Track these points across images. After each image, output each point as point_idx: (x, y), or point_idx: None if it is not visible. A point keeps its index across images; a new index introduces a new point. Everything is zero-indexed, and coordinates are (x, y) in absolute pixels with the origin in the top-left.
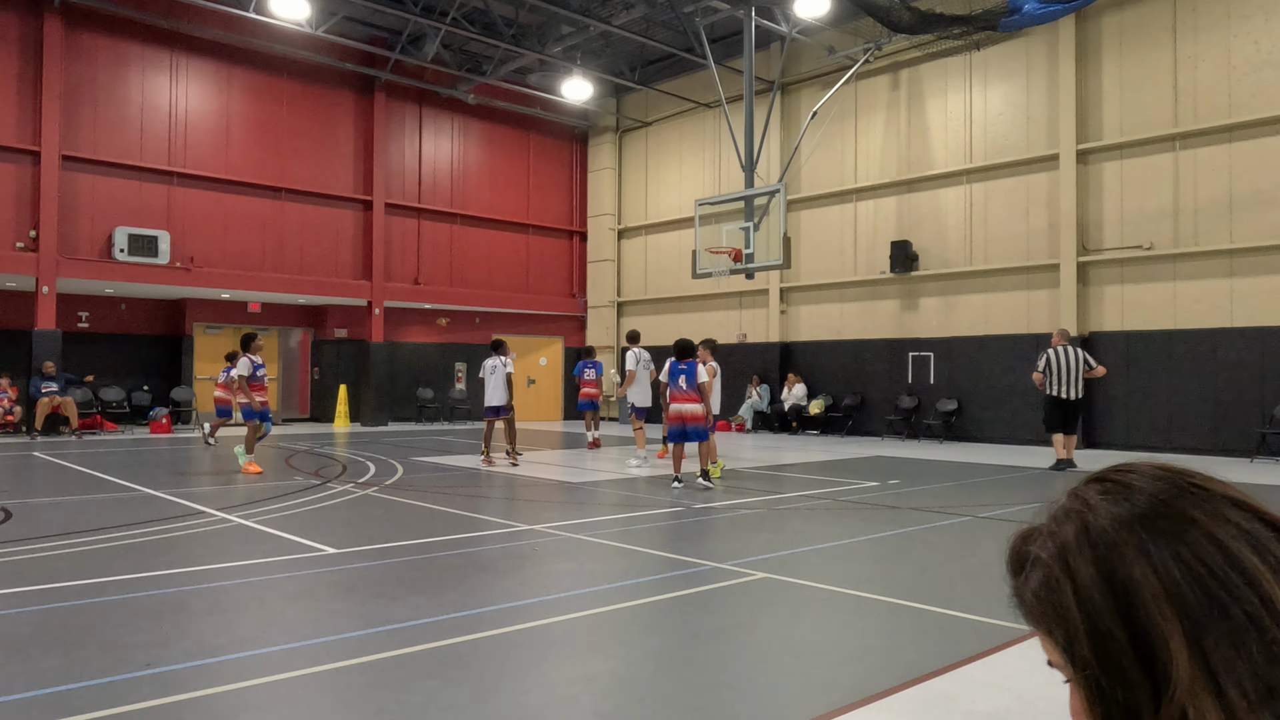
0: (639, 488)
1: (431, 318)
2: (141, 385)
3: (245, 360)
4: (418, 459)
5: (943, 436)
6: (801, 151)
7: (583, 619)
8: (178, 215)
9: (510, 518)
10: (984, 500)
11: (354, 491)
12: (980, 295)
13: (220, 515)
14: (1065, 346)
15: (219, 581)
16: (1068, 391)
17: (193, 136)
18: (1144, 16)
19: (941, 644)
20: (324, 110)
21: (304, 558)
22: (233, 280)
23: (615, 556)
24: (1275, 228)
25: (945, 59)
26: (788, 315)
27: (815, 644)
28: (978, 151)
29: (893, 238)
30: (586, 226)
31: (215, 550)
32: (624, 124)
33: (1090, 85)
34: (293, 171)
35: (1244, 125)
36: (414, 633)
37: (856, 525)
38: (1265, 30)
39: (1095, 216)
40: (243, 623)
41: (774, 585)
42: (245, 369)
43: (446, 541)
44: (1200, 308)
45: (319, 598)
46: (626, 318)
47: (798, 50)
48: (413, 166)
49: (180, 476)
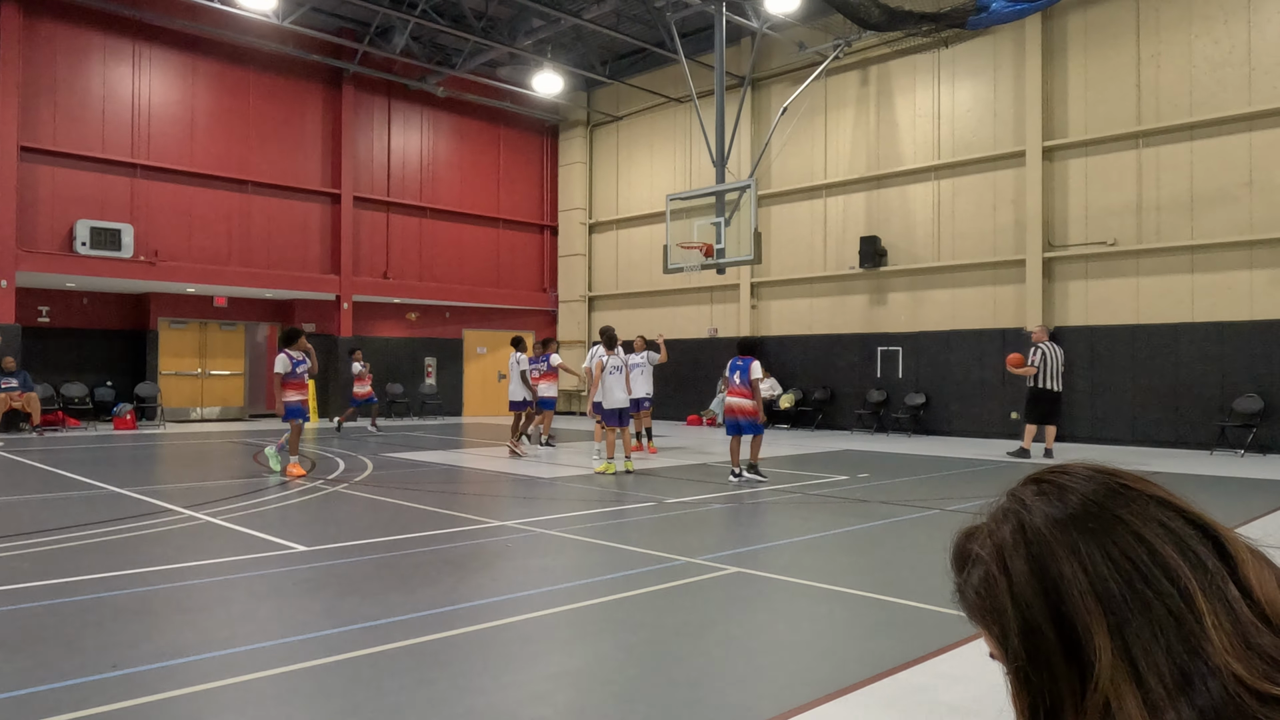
0: (608, 483)
1: (401, 312)
2: (105, 381)
3: (283, 357)
4: (388, 455)
5: (911, 430)
6: (772, 147)
7: (557, 615)
8: (141, 208)
9: (483, 514)
10: (951, 493)
11: (324, 488)
12: (948, 290)
13: (188, 513)
14: (1051, 342)
15: (187, 580)
16: (1057, 384)
17: (156, 128)
18: (1108, 16)
19: (911, 636)
20: (291, 102)
21: (273, 555)
22: (198, 274)
23: (589, 552)
24: (1234, 224)
25: (914, 56)
26: (758, 310)
27: (787, 638)
28: (945, 148)
29: (862, 233)
30: (557, 221)
31: (183, 549)
32: (595, 118)
33: (1056, 83)
34: (259, 164)
35: (1204, 124)
36: (387, 630)
37: (827, 519)
38: (1224, 31)
39: (1060, 213)
40: (212, 622)
41: (746, 579)
42: (284, 366)
43: (418, 538)
44: (1163, 303)
45: (289, 596)
46: (598, 312)
47: (768, 46)
48: (381, 159)
49: (146, 474)
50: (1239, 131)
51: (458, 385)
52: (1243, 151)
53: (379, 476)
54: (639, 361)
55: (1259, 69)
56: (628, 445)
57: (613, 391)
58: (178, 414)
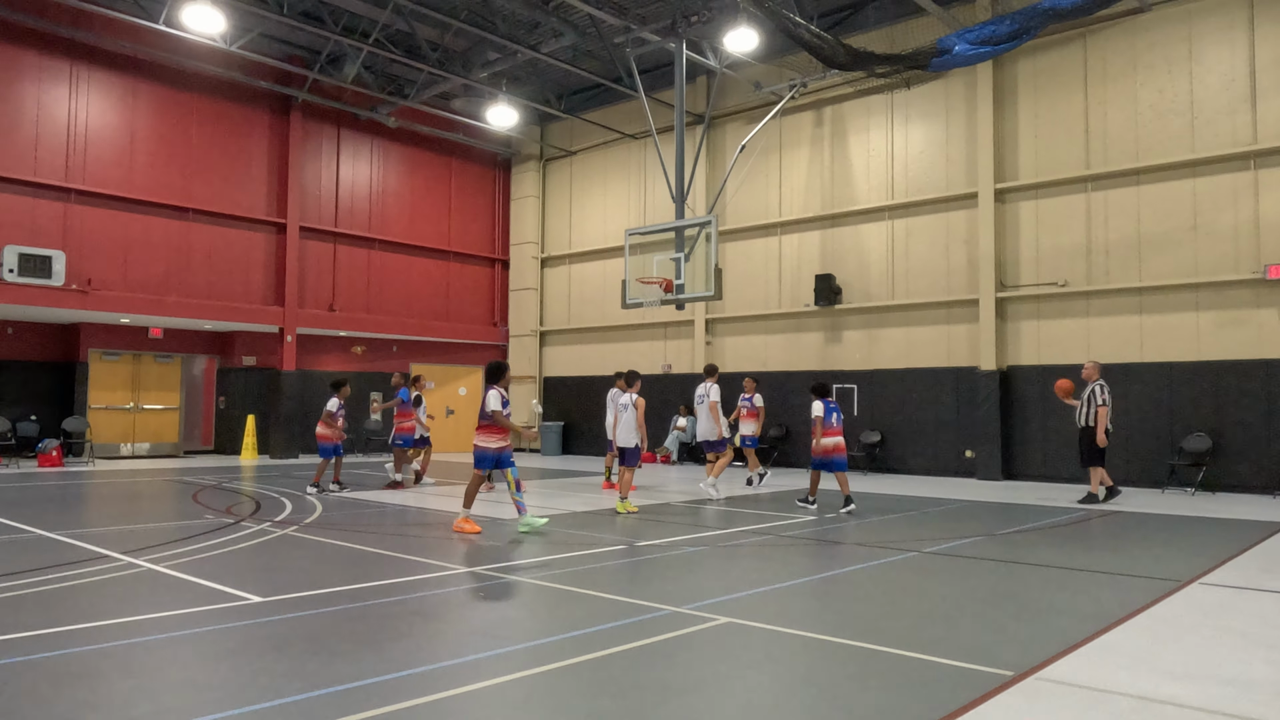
0: (573, 524)
1: (347, 345)
2: (29, 415)
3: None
4: (337, 496)
5: (866, 468)
6: (728, 185)
7: (547, 674)
8: (75, 234)
9: (446, 559)
10: (924, 534)
11: (272, 531)
12: (902, 329)
13: (126, 559)
14: (1103, 382)
15: (133, 638)
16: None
17: (93, 152)
18: (1056, 63)
19: (925, 694)
20: (236, 129)
21: (226, 608)
22: (133, 304)
23: (569, 602)
24: (1180, 268)
25: (868, 98)
26: (713, 346)
27: (796, 699)
28: (899, 188)
29: (817, 271)
30: (509, 254)
31: (124, 601)
32: (548, 152)
33: (1007, 127)
34: (201, 191)
35: (1150, 169)
36: (363, 695)
37: (807, 563)
38: (1168, 79)
39: (1013, 254)
40: (165, 687)
41: (740, 631)
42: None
43: (381, 587)
44: (1112, 343)
45: (249, 655)
46: (549, 347)
47: (724, 85)
48: (329, 189)
49: (76, 515)
50: (1183, 177)
51: None
52: (1187, 196)
53: (330, 518)
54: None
55: (1200, 118)
56: (624, 489)
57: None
58: (107, 450)
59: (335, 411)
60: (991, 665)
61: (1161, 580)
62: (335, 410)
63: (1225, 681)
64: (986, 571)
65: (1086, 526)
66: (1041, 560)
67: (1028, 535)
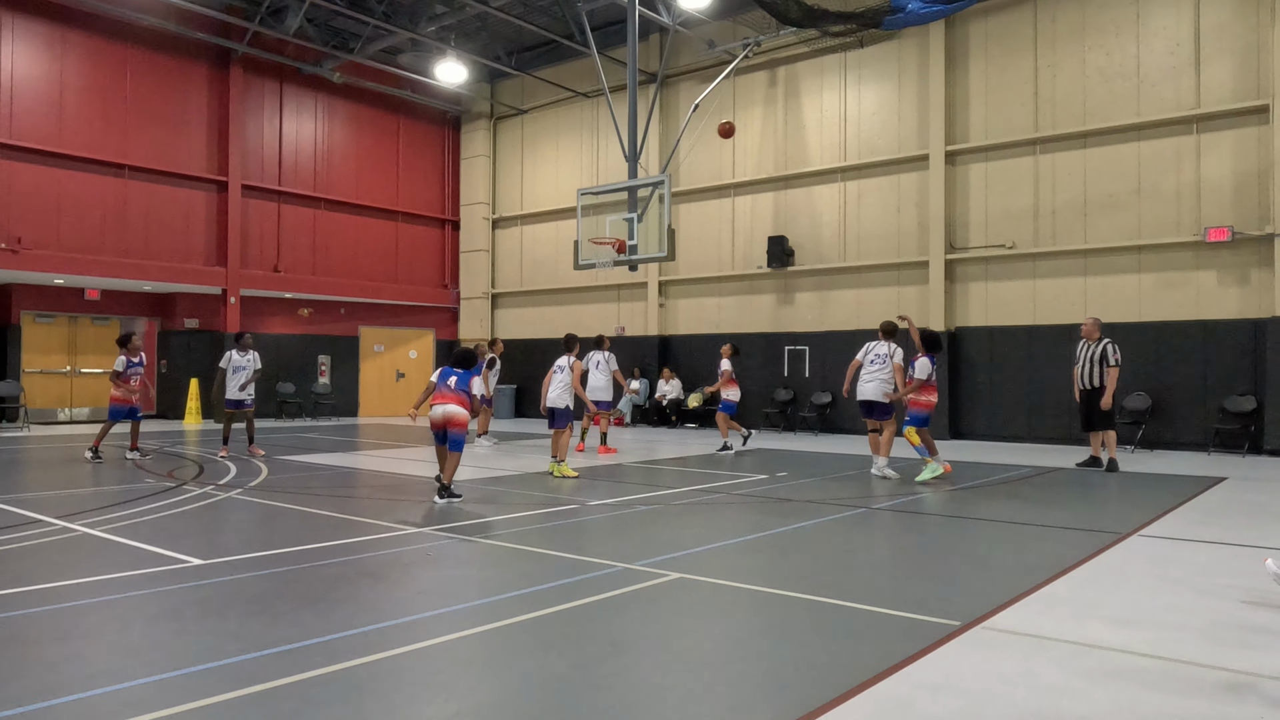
0: (524, 485)
1: (293, 307)
2: None
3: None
4: (282, 458)
5: (818, 429)
6: (681, 145)
7: (494, 631)
8: (2, 191)
9: (395, 520)
10: (873, 492)
11: (215, 494)
12: (853, 290)
13: (61, 524)
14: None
15: (67, 602)
16: (1086, 383)
17: (20, 105)
18: (1007, 25)
19: (876, 644)
20: (173, 82)
21: (165, 570)
22: (67, 264)
23: (518, 560)
24: (1123, 230)
25: (821, 58)
26: (666, 308)
27: (748, 650)
28: (851, 150)
29: (770, 233)
30: (459, 215)
31: (59, 565)
32: (499, 110)
33: (958, 89)
34: (138, 148)
35: (1096, 132)
36: (305, 655)
37: (759, 519)
38: (1116, 44)
39: (962, 216)
40: (100, 652)
41: (691, 586)
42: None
43: (328, 548)
44: (1058, 304)
45: (188, 618)
46: (501, 309)
47: (677, 43)
48: (273, 146)
49: (10, 481)
50: (1129, 141)
51: (353, 385)
52: (1132, 160)
53: (274, 481)
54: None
55: (1146, 81)
56: (561, 452)
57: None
58: (44, 415)
59: (124, 371)
60: (940, 616)
61: (1103, 533)
62: (123, 369)
63: (1162, 626)
64: (935, 526)
65: (1030, 483)
66: (987, 515)
67: (975, 491)
